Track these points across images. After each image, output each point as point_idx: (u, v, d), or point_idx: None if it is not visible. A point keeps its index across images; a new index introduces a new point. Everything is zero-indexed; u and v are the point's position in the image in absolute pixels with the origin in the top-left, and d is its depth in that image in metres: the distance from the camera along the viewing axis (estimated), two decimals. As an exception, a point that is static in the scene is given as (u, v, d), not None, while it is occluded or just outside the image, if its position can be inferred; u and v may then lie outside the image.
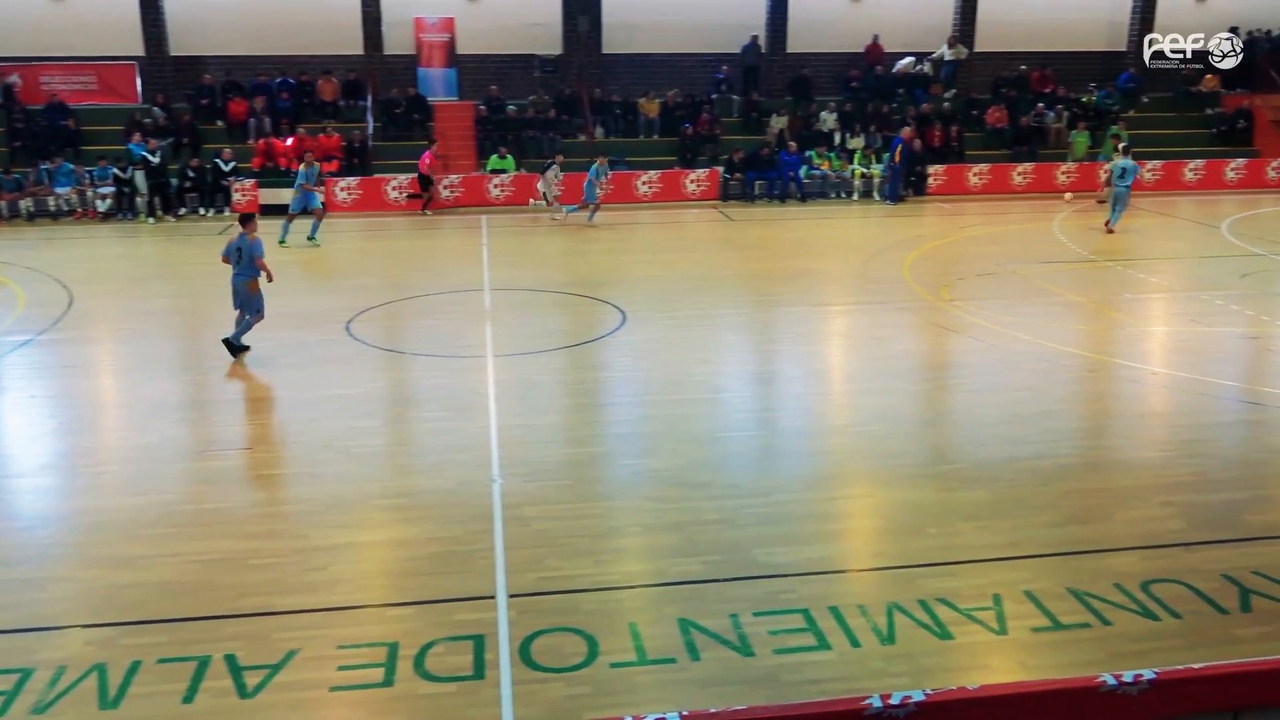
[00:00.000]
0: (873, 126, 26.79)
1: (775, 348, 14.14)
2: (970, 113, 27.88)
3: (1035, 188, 26.39)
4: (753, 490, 9.08)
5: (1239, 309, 15.25)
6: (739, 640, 6.72)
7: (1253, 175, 27.23)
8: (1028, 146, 27.17)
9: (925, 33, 28.88)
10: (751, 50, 27.80)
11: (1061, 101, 28.24)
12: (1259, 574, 7.57)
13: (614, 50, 27.76)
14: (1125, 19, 29.60)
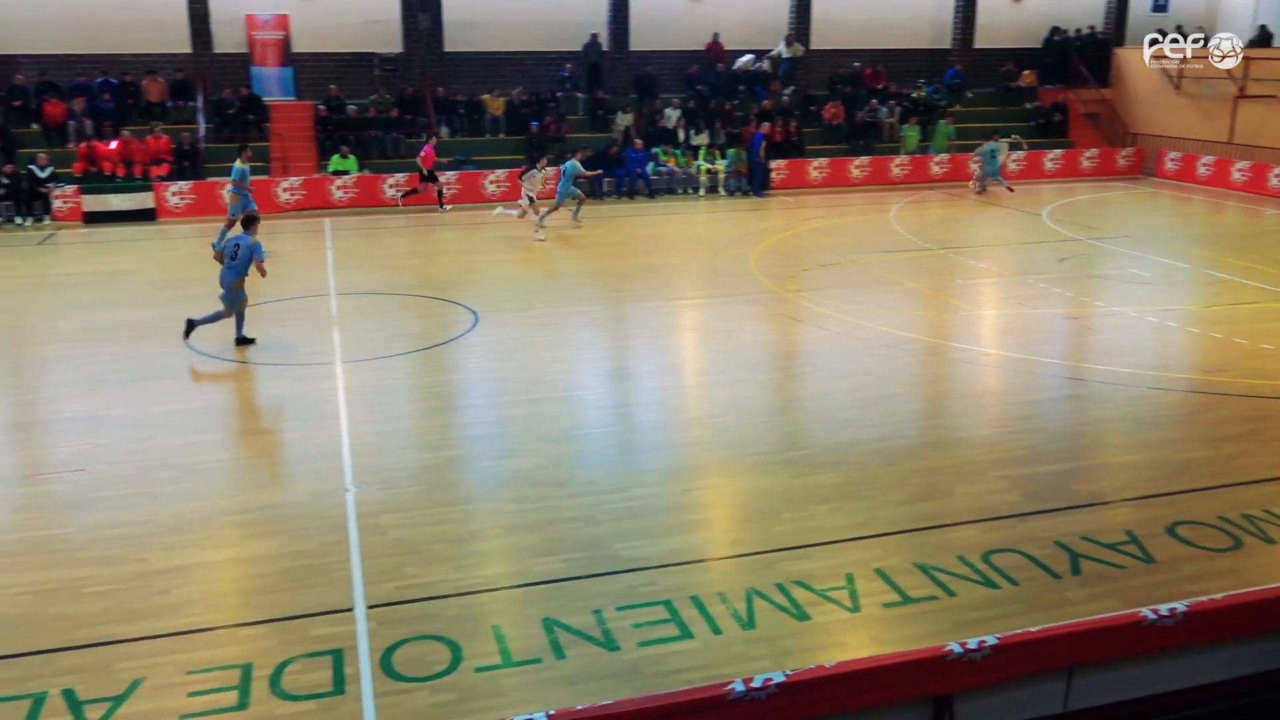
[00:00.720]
0: (717, 123, 27.28)
1: (629, 343, 14.25)
2: (808, 109, 28.69)
3: (872, 180, 27.37)
4: (611, 486, 9.14)
5: (1060, 291, 16.20)
6: (603, 635, 6.75)
7: (1069, 165, 28.94)
8: (864, 141, 28.17)
9: (762, 31, 29.59)
10: (594, 48, 27.90)
11: (894, 97, 29.37)
12: (1087, 539, 8.07)
13: (456, 48, 27.40)
14: (949, 18, 30.99)
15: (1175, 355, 13.25)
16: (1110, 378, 12.12)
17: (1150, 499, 8.83)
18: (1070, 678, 6.02)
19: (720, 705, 5.49)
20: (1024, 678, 5.90)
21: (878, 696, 5.74)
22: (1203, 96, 28.38)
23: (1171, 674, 6.21)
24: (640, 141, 25.82)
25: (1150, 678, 6.18)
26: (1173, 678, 6.22)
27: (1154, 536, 8.11)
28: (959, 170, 27.86)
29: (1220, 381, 11.92)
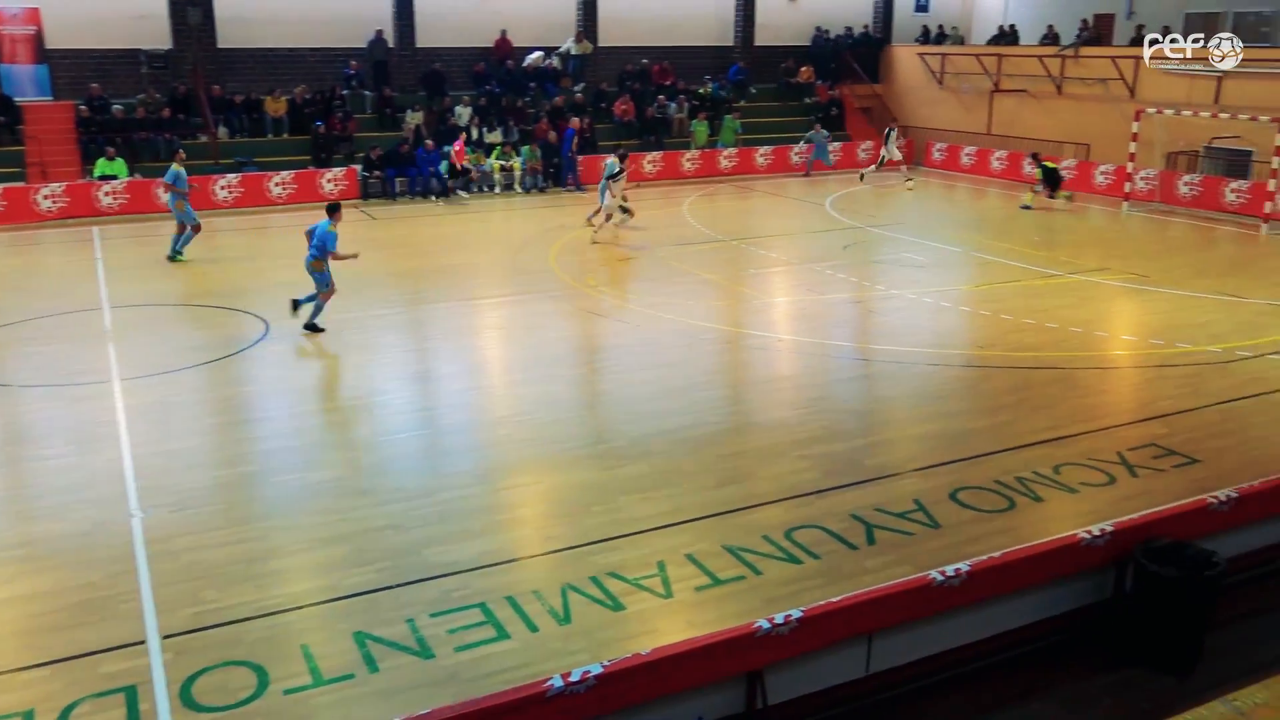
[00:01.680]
0: (510, 121, 27.15)
1: (431, 345, 14.01)
2: (599, 105, 28.97)
3: (664, 175, 27.92)
4: (420, 491, 8.98)
5: (845, 277, 17.04)
6: (418, 644, 6.63)
7: (847, 156, 30.40)
8: (654, 136, 28.71)
9: (551, 28, 29.65)
10: (379, 45, 27.20)
11: (682, 93, 30.05)
12: (880, 510, 8.54)
13: (231, 45, 26.08)
14: (731, 17, 31.98)
15: (950, 333, 14.18)
16: (894, 357, 12.85)
17: (934, 468, 9.42)
18: (870, 642, 6.35)
19: (539, 702, 5.50)
20: (829, 646, 6.18)
21: (693, 678, 5.88)
22: (962, 91, 30.43)
23: (960, 630, 6.65)
24: (431, 142, 25.36)
25: (942, 635, 6.60)
26: (962, 633, 6.66)
27: (939, 503, 8.66)
28: (747, 164, 28.82)
29: (990, 355, 12.85)
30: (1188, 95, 24.01)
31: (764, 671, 6.03)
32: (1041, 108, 27.96)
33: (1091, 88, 26.66)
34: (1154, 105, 23.73)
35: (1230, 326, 13.95)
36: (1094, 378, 12.12)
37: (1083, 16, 29.46)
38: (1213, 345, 13.04)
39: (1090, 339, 13.44)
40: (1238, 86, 23.23)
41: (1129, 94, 25.51)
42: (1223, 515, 7.39)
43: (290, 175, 23.89)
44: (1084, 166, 26.16)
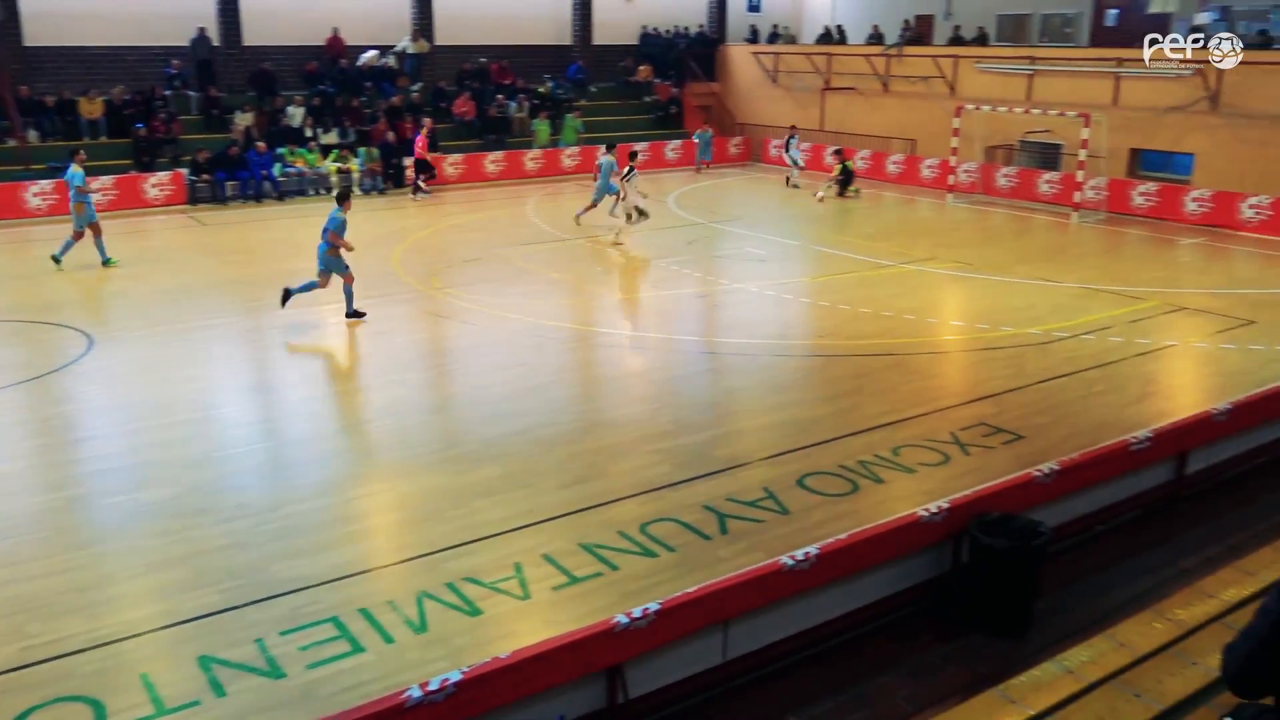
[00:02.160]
0: (346, 121, 26.45)
1: (270, 354, 13.50)
2: (439, 105, 28.55)
3: (507, 175, 27.76)
4: (264, 506, 8.67)
5: (690, 272, 17.32)
6: (268, 664, 6.41)
7: (688, 154, 30.88)
8: (496, 136, 28.49)
9: (384, 26, 29.04)
10: (202, 43, 26.04)
11: (522, 92, 29.91)
12: (731, 499, 8.73)
13: (39, 42, 24.53)
14: (568, 15, 32.04)
15: (793, 323, 14.60)
16: (740, 349, 13.14)
17: (782, 456, 9.68)
18: (727, 629, 6.48)
19: (398, 714, 5.39)
20: (686, 636, 6.28)
21: (553, 677, 5.88)
22: (794, 89, 31.33)
23: (812, 611, 6.86)
24: (263, 144, 24.48)
25: (795, 617, 6.80)
26: (813, 614, 6.88)
27: (787, 490, 8.91)
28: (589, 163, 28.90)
29: (831, 344, 13.29)
30: (1002, 92, 25.40)
31: (624, 666, 6.08)
32: (869, 105, 29.07)
33: (915, 85, 27.88)
34: (973, 102, 25.00)
35: (1047, 309, 14.84)
36: (927, 362, 12.69)
37: (905, 18, 30.80)
38: (1032, 327, 13.83)
39: (922, 325, 14.06)
40: (1047, 84, 24.73)
41: (949, 91, 26.79)
42: (1046, 487, 7.86)
43: (111, 180, 22.65)
44: (911, 160, 27.33)
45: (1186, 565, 7.74)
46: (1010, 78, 25.51)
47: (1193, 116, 22.08)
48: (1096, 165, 22.74)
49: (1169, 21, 26.99)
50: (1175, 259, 19.05)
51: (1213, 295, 15.64)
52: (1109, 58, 23.93)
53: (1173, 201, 22.06)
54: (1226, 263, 18.45)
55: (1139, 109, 22.96)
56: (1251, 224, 20.74)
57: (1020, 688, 5.76)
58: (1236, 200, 21.03)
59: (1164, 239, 20.42)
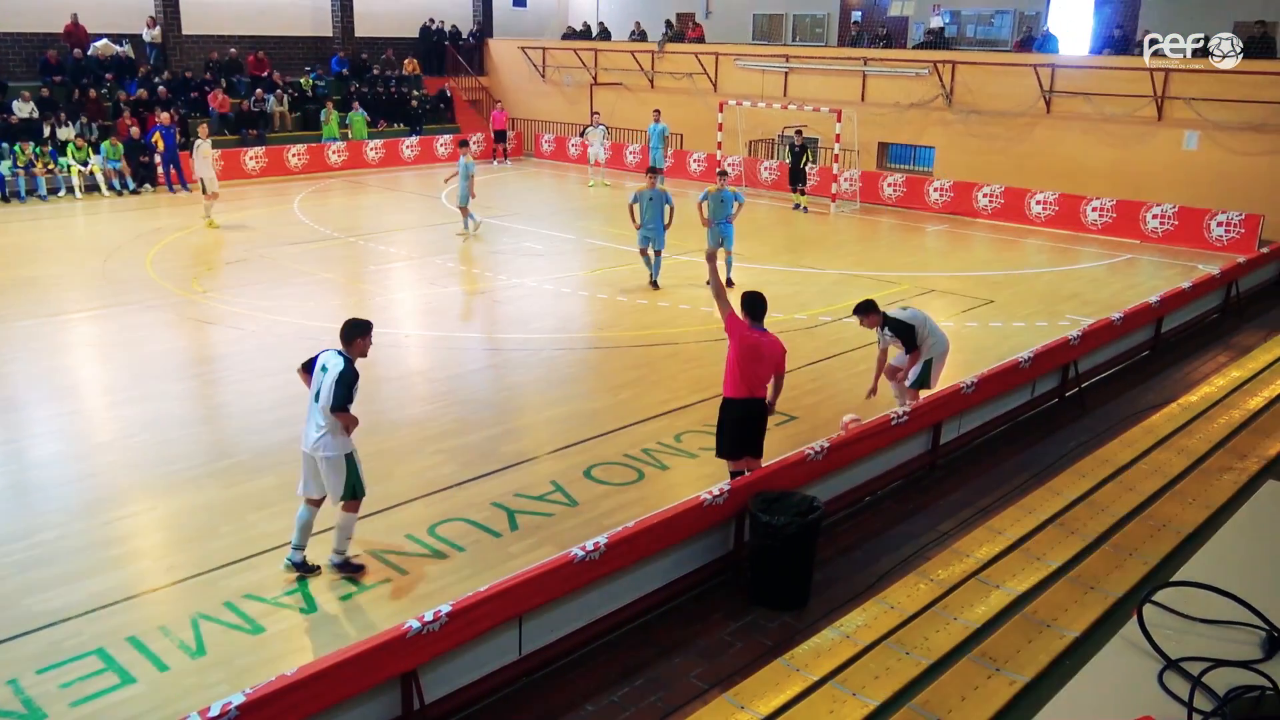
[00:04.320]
0: (83, 116, 24.48)
1: (9, 369, 12.32)
2: (190, 96, 26.88)
3: (269, 172, 26.53)
4: (10, 535, 7.95)
5: (465, 268, 17.14)
6: (24, 706, 5.90)
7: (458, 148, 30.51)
8: (254, 131, 27.13)
9: (124, 12, 27.07)
10: (-90, 28, 23.50)
11: (280, 85, 28.61)
12: (520, 495, 8.73)
13: None
14: (328, 5, 30.92)
15: (572, 317, 14.72)
16: (521, 344, 13.14)
17: (568, 448, 9.77)
18: (521, 625, 6.48)
19: (178, 744, 5.10)
20: (481, 635, 6.23)
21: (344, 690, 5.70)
22: (563, 84, 31.55)
23: (605, 599, 6.96)
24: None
25: (588, 607, 6.87)
26: (606, 603, 6.97)
27: (575, 482, 9.01)
28: (357, 158, 28.09)
29: (610, 336, 13.51)
30: (761, 89, 26.52)
31: (418, 671, 5.97)
32: (637, 100, 29.64)
33: (680, 81, 28.66)
34: (735, 98, 25.96)
35: (812, 295, 15.64)
36: (703, 350, 13.10)
37: (666, 16, 31.58)
38: (800, 313, 14.54)
39: (697, 314, 14.50)
40: (801, 81, 26.03)
41: (713, 87, 27.71)
42: (819, 464, 8.28)
43: None
44: (679, 155, 28.08)
45: (945, 529, 8.36)
46: (768, 74, 26.67)
47: (931, 112, 23.82)
48: (850, 158, 24.15)
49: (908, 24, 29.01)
50: (923, 245, 20.49)
51: (956, 278, 16.94)
52: (857, 56, 25.43)
53: (918, 191, 23.72)
54: (967, 247, 20.02)
55: (884, 105, 24.54)
56: (986, 211, 22.60)
57: (803, 655, 6.08)
58: (972, 189, 22.85)
59: (912, 226, 21.93)
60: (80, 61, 25.69)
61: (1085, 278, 17.29)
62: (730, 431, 8.22)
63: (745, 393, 8.06)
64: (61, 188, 23.09)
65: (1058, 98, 21.86)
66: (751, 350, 7.98)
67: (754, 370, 8.02)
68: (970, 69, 23.04)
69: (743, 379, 8.04)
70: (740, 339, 8.03)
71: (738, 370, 8.04)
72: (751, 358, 7.99)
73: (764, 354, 8.01)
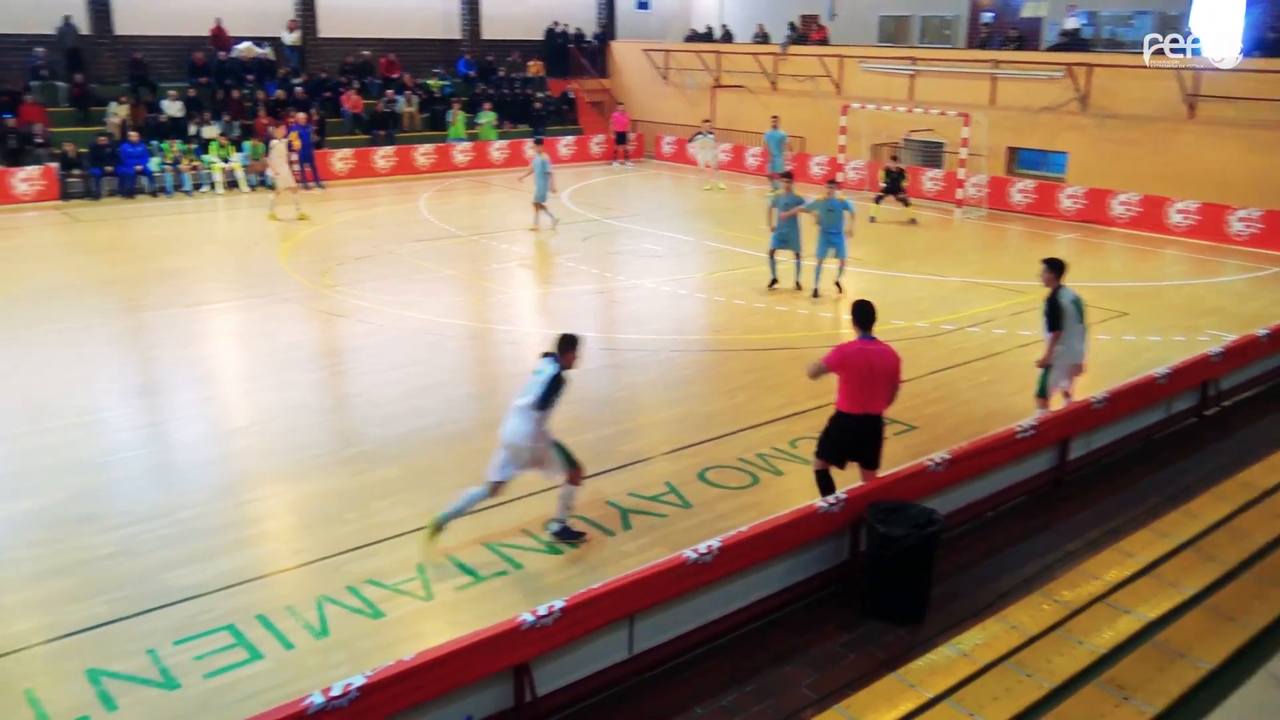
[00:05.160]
0: (226, 115, 25.61)
1: (155, 355, 13.00)
2: (323, 96, 27.86)
3: (398, 171, 27.28)
4: (152, 512, 8.36)
5: (586, 269, 17.31)
6: (161, 675, 6.20)
7: (581, 150, 30.89)
8: (385, 131, 27.94)
9: (266, 17, 28.21)
10: (69, 32, 24.89)
11: (410, 87, 29.40)
12: (633, 494, 8.78)
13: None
14: (457, 9, 31.64)
15: (689, 319, 14.72)
16: (638, 345, 13.20)
17: (683, 450, 9.77)
18: (632, 624, 6.51)
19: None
20: (592, 632, 6.28)
21: (459, 678, 5.82)
22: (685, 86, 31.59)
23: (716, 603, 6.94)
24: (136, 134, 23.50)
25: (699, 610, 6.86)
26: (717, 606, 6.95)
27: (689, 484, 9.00)
28: (482, 158, 28.65)
29: (727, 339, 13.46)
30: (886, 92, 26.07)
31: (531, 664, 6.05)
32: (759, 102, 29.48)
33: (802, 84, 28.39)
34: (858, 101, 25.59)
35: (934, 303, 15.30)
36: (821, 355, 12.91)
37: (790, 19, 31.33)
38: (921, 321, 14.25)
39: (816, 319, 14.34)
40: (928, 84, 25.48)
41: (836, 90, 27.37)
42: (939, 476, 8.10)
43: (-25, 175, 21.51)
44: (800, 158, 27.82)
45: (1071, 548, 8.07)
46: (893, 78, 26.20)
47: (1065, 116, 23.03)
48: (977, 163, 23.55)
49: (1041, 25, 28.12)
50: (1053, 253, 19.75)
51: (1088, 288, 16.31)
52: (986, 59, 24.78)
53: (1049, 198, 22.97)
54: (1100, 257, 19.30)
55: (1015, 109, 23.84)
56: (1121, 220, 21.74)
57: (918, 671, 5.95)
58: (1107, 197, 22.01)
59: (1042, 234, 21.25)
60: (224, 63, 26.89)
61: (1228, 291, 16.49)
62: (835, 439, 8.03)
63: (858, 408, 7.80)
64: (205, 184, 24.21)
65: (1202, 102, 20.88)
66: (862, 368, 7.72)
67: (868, 386, 7.75)
68: (1107, 71, 22.18)
69: (855, 394, 7.77)
70: (843, 363, 7.72)
71: (848, 386, 7.81)
72: (863, 375, 7.72)
73: (875, 368, 7.73)
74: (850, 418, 7.85)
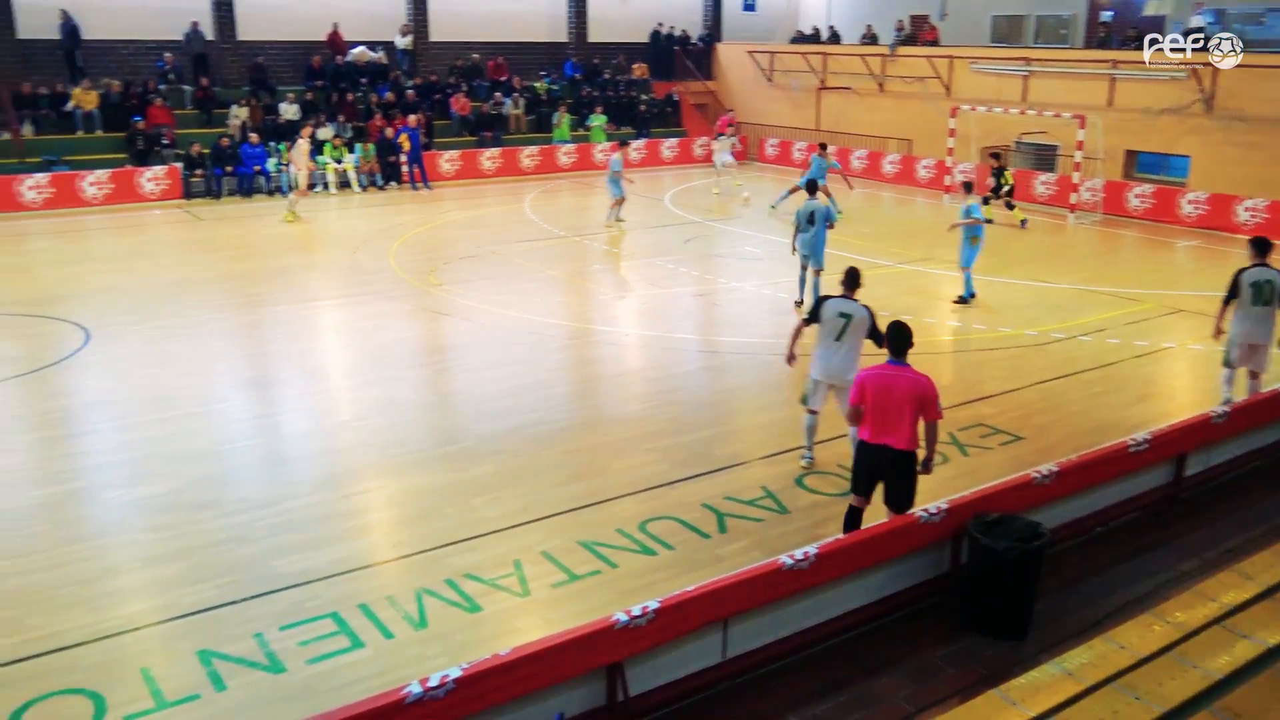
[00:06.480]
0: (340, 117, 26.37)
1: (267, 350, 13.47)
2: (433, 98, 28.46)
3: (504, 172, 27.70)
4: (262, 501, 8.65)
5: (687, 271, 17.31)
6: (267, 659, 6.40)
7: (684, 152, 30.90)
8: (492, 133, 28.41)
9: (377, 21, 28.94)
10: (196, 37, 25.95)
11: (517, 89, 29.83)
12: (730, 498, 8.73)
13: (33, 35, 24.42)
14: (564, 12, 31.98)
15: (789, 323, 14.54)
16: (738, 348, 13.15)
17: (781, 455, 9.69)
18: (726, 628, 6.48)
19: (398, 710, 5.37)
20: (686, 635, 6.27)
21: (553, 675, 5.87)
22: (790, 88, 31.34)
23: (811, 610, 6.86)
24: (255, 136, 24.36)
25: (794, 616, 6.79)
26: (813, 613, 6.87)
27: (786, 489, 8.92)
28: (586, 160, 28.87)
29: (828, 344, 13.25)
30: (998, 93, 25.44)
31: (624, 664, 6.07)
32: (865, 105, 29.08)
33: (911, 85, 27.90)
34: (968, 103, 25.02)
35: (1044, 311, 14.86)
36: (924, 362, 12.58)
37: (899, 18, 30.81)
38: (1030, 329, 13.86)
39: (919, 325, 14.01)
40: (1042, 85, 24.77)
41: (945, 92, 26.81)
42: (1046, 488, 7.86)
43: (106, 175, 22.57)
44: (907, 160, 27.35)
45: (1185, 568, 7.75)
46: (1005, 79, 25.55)
47: (1188, 119, 22.13)
48: (1092, 167, 22.80)
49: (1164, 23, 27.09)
50: (1172, 261, 19.10)
51: (1210, 298, 15.65)
52: (1104, 59, 23.97)
53: (1169, 204, 22.10)
54: (1223, 266, 18.44)
55: (1134, 111, 23.01)
56: (1247, 227, 20.78)
57: (1020, 689, 5.77)
58: (1232, 203, 21.09)
59: (1160, 241, 20.47)
60: (340, 67, 27.69)
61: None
62: (855, 466, 7.56)
63: (874, 437, 7.19)
64: (319, 184, 24.95)
65: (1338, 104, 19.84)
66: (879, 394, 7.09)
67: (884, 414, 7.10)
68: (1235, 72, 21.22)
69: (872, 421, 7.17)
70: (861, 390, 7.17)
71: (867, 413, 7.23)
72: (879, 402, 7.11)
73: (895, 395, 7.07)
74: (867, 446, 7.31)
